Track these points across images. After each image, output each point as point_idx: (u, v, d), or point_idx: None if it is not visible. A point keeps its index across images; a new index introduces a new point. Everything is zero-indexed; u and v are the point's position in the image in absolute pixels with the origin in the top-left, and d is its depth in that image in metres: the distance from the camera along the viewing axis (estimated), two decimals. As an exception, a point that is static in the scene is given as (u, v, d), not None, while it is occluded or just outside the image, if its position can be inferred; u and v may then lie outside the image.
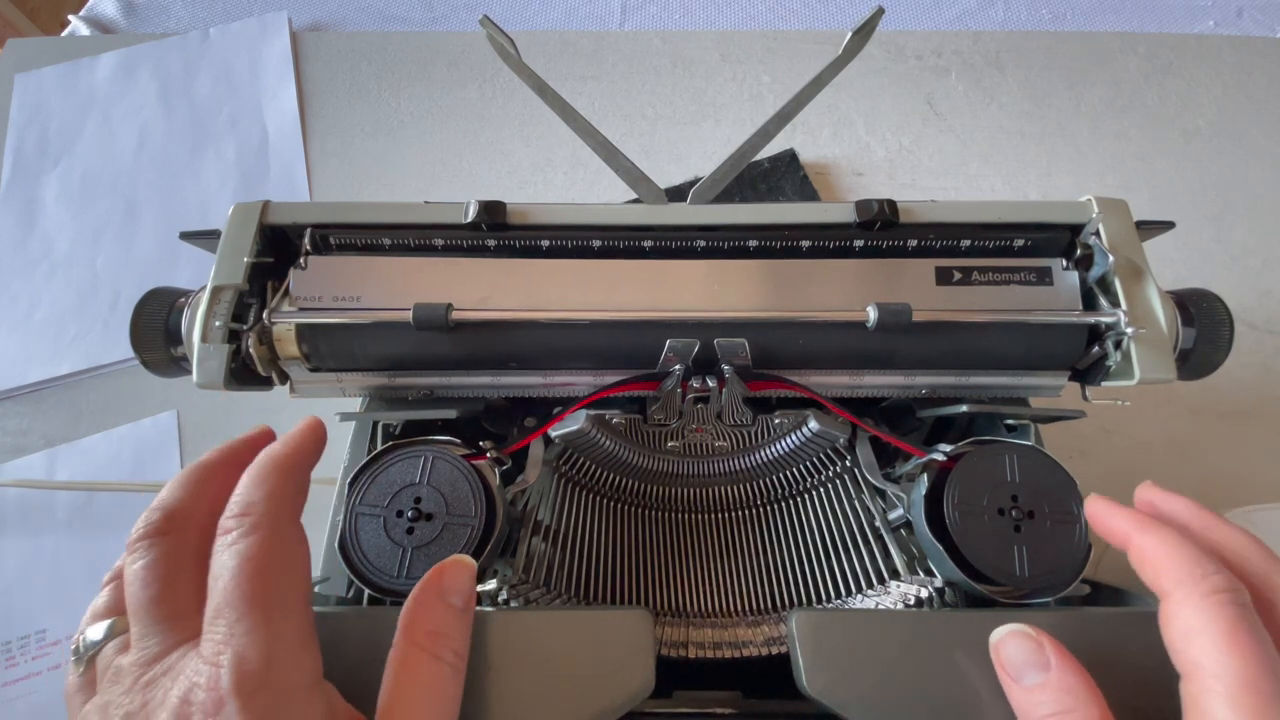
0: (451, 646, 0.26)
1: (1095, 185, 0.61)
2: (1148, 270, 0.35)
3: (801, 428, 0.40)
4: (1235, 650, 0.22)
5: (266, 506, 0.25)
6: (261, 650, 0.22)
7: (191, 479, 0.27)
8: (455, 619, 0.27)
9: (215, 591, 0.23)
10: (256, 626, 0.22)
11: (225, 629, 0.22)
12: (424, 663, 0.25)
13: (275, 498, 0.25)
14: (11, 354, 0.64)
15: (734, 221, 0.38)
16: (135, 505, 0.59)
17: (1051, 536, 0.32)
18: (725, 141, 0.72)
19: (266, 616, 0.23)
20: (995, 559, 0.32)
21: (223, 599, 0.23)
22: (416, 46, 0.79)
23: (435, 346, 0.36)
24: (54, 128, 0.76)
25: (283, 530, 0.25)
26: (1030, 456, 0.33)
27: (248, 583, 0.23)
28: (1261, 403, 0.61)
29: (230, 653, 0.22)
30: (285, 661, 0.23)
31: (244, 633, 0.22)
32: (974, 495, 0.33)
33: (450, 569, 0.28)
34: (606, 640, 0.28)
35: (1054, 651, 0.25)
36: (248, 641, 0.22)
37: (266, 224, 0.37)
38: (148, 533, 0.25)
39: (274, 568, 0.24)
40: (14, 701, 0.52)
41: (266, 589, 0.23)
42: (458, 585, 0.27)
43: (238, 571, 0.23)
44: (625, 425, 0.41)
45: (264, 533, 0.24)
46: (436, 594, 0.27)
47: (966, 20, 0.81)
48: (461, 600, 0.27)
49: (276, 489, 0.26)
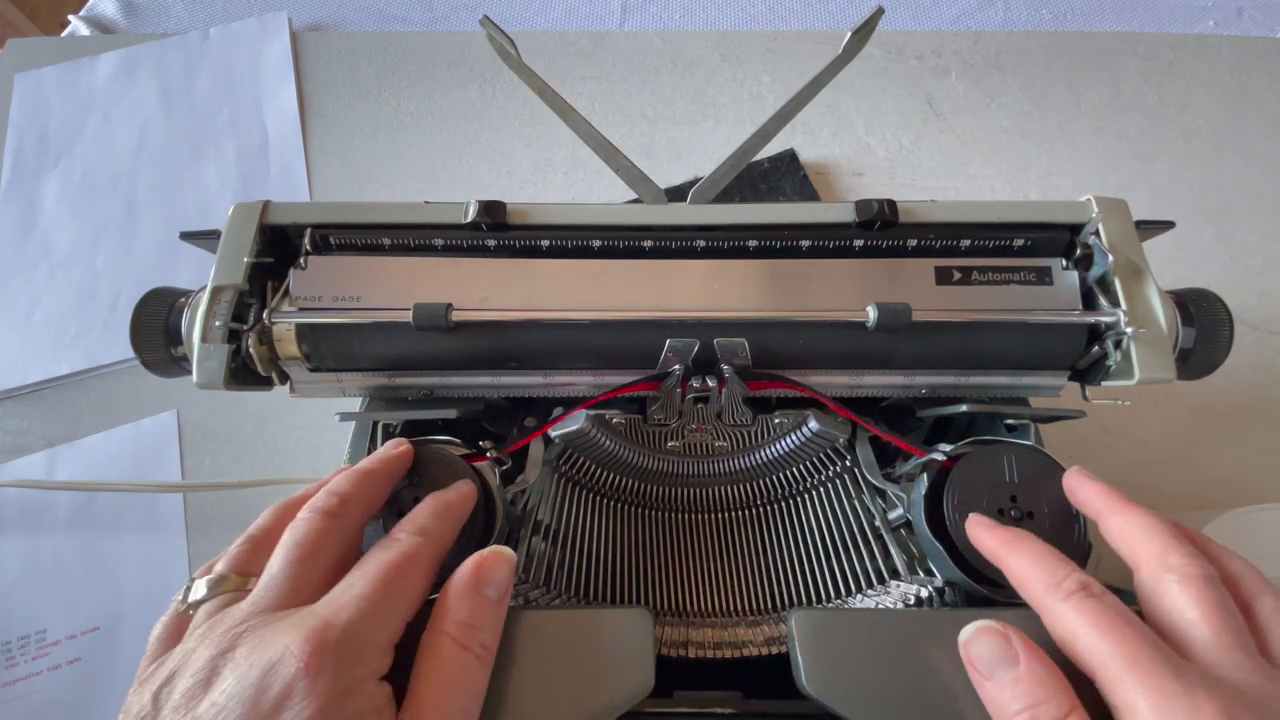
0: (480, 639, 0.26)
1: (1095, 185, 0.61)
2: (1147, 270, 0.35)
3: (801, 428, 0.40)
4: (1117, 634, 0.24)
5: (435, 533, 0.29)
6: (370, 624, 0.25)
7: (363, 480, 0.31)
8: (488, 611, 0.27)
9: (362, 566, 0.27)
10: (376, 607, 0.25)
11: (355, 595, 0.25)
12: (451, 653, 0.26)
13: (442, 529, 0.30)
14: (11, 354, 0.64)
15: (734, 221, 0.38)
16: (135, 505, 0.59)
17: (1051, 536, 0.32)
18: (725, 141, 0.72)
19: (386, 605, 0.26)
20: None
21: (366, 573, 0.26)
22: (416, 46, 0.79)
23: (435, 346, 0.36)
24: (54, 128, 0.76)
25: (434, 557, 0.29)
26: (1030, 457, 0.33)
27: (393, 572, 0.26)
28: (1261, 403, 0.61)
29: (347, 611, 0.24)
30: (378, 648, 0.25)
31: (367, 605, 0.25)
32: (974, 495, 0.33)
33: (490, 560, 0.28)
34: (606, 640, 0.28)
35: (1021, 645, 0.25)
36: (365, 612, 0.25)
37: (266, 224, 0.37)
38: (323, 508, 0.28)
39: (413, 578, 0.27)
40: (14, 701, 0.52)
41: (399, 586, 0.26)
42: (495, 576, 0.28)
43: (390, 562, 0.27)
44: (625, 425, 0.41)
45: (423, 549, 0.28)
46: (472, 585, 0.27)
47: (966, 20, 0.81)
48: (497, 592, 0.28)
49: (446, 525, 0.30)
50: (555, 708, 0.27)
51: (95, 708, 0.52)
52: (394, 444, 0.33)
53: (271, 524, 0.30)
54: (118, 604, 0.55)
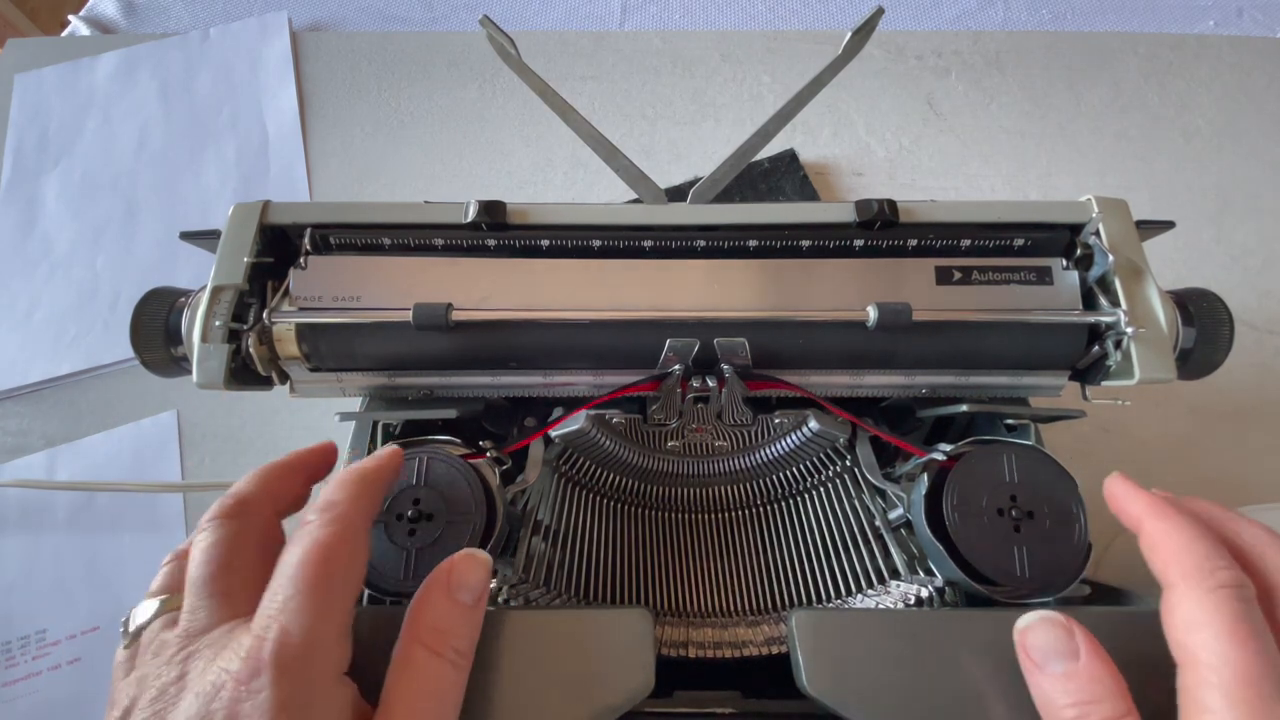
0: (452, 644, 0.26)
1: (1095, 185, 0.61)
2: (1148, 270, 0.35)
3: (801, 427, 0.40)
4: (1235, 644, 0.22)
5: (346, 508, 0.27)
6: (307, 630, 0.23)
7: (264, 475, 0.29)
8: (461, 615, 0.26)
9: (280, 571, 0.25)
10: (308, 607, 0.24)
11: (280, 604, 0.24)
12: (422, 659, 0.25)
13: (355, 501, 0.27)
14: (11, 354, 0.64)
15: (734, 221, 0.38)
16: (135, 505, 0.59)
17: (1051, 536, 0.32)
18: (725, 141, 0.72)
19: (319, 602, 0.24)
20: (995, 559, 0.32)
21: (285, 577, 0.24)
22: (416, 46, 0.79)
23: (435, 346, 0.36)
24: (54, 128, 0.76)
25: (355, 532, 0.26)
26: (1030, 456, 0.33)
27: (313, 567, 0.24)
28: (1261, 403, 0.61)
29: (277, 626, 0.23)
30: (323, 648, 0.24)
31: (295, 609, 0.23)
32: (973, 495, 0.33)
33: (460, 563, 0.27)
34: (606, 640, 0.28)
35: (1085, 641, 0.24)
36: (297, 619, 0.23)
37: (266, 224, 0.37)
38: (218, 514, 0.27)
39: (338, 561, 0.25)
40: (14, 701, 0.52)
41: (328, 577, 0.25)
42: (467, 580, 0.27)
43: (307, 556, 0.25)
44: (625, 425, 0.41)
45: (339, 528, 0.26)
46: (443, 589, 0.27)
47: (966, 20, 0.81)
48: (471, 596, 0.27)
49: (356, 495, 0.27)
50: (555, 708, 0.27)
51: (95, 708, 0.52)
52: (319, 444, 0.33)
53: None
54: (118, 604, 0.55)
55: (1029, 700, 0.26)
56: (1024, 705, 0.26)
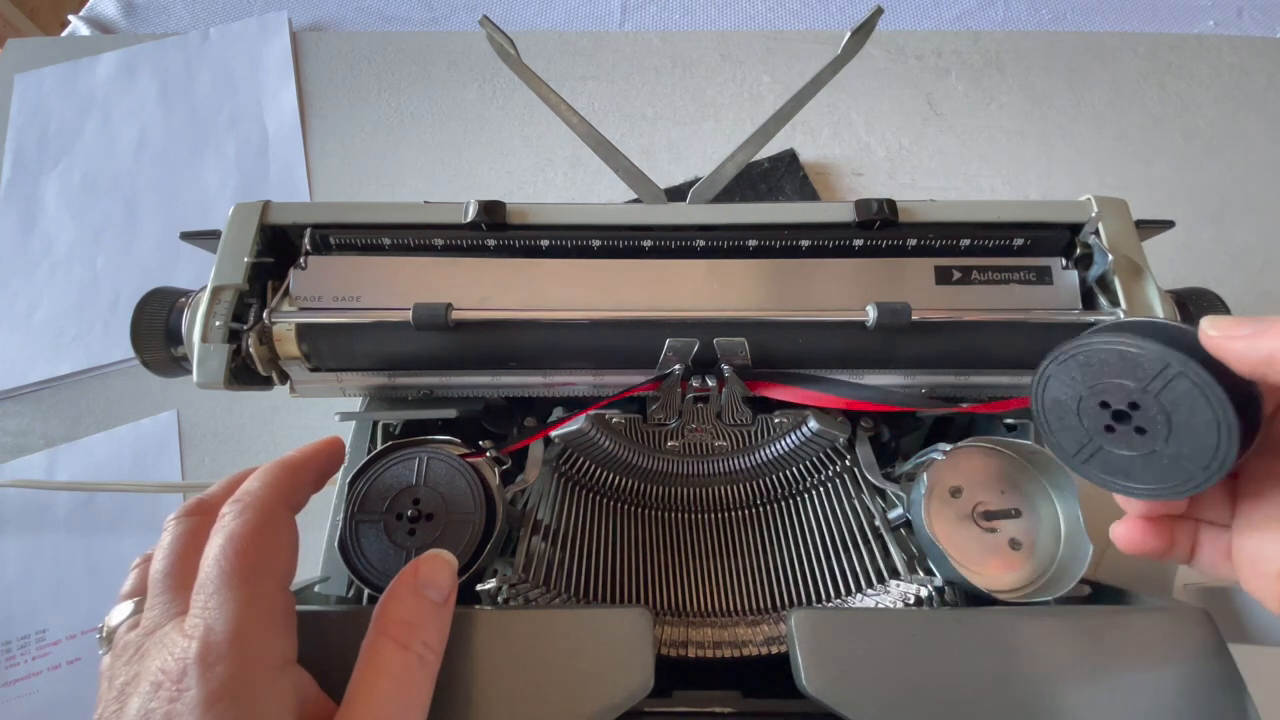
0: (420, 637, 0.26)
1: (1095, 185, 0.61)
2: (1147, 269, 0.35)
3: (801, 427, 0.39)
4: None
5: (258, 495, 0.26)
6: (229, 624, 0.23)
7: (234, 477, 0.29)
8: (429, 611, 0.27)
9: (201, 568, 0.25)
10: (227, 601, 0.23)
11: (202, 602, 0.24)
12: (390, 651, 0.25)
13: (269, 488, 0.27)
14: (11, 354, 0.64)
15: (733, 221, 0.38)
16: (135, 505, 0.59)
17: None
18: (725, 141, 0.72)
19: (239, 593, 0.24)
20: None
21: (204, 575, 0.24)
22: (416, 46, 0.79)
23: (435, 346, 0.36)
24: (54, 128, 0.76)
25: (270, 517, 0.26)
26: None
27: (226, 560, 0.24)
28: (1261, 402, 0.60)
29: (201, 624, 0.23)
30: (252, 638, 0.23)
31: (215, 606, 0.23)
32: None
33: (426, 562, 0.28)
34: (606, 640, 0.28)
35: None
36: (217, 615, 0.23)
37: (267, 224, 0.37)
38: (177, 514, 0.28)
39: (254, 549, 0.25)
40: (14, 701, 0.52)
41: (244, 568, 0.24)
42: (434, 579, 0.27)
43: (220, 550, 0.25)
44: (625, 425, 0.41)
45: (250, 516, 0.26)
46: (410, 586, 0.27)
47: (966, 20, 0.81)
48: (439, 594, 0.27)
49: (272, 481, 0.27)
50: (555, 707, 0.27)
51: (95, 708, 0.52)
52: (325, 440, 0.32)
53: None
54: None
55: (1029, 700, 0.26)
56: (1023, 704, 0.26)
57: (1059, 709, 0.26)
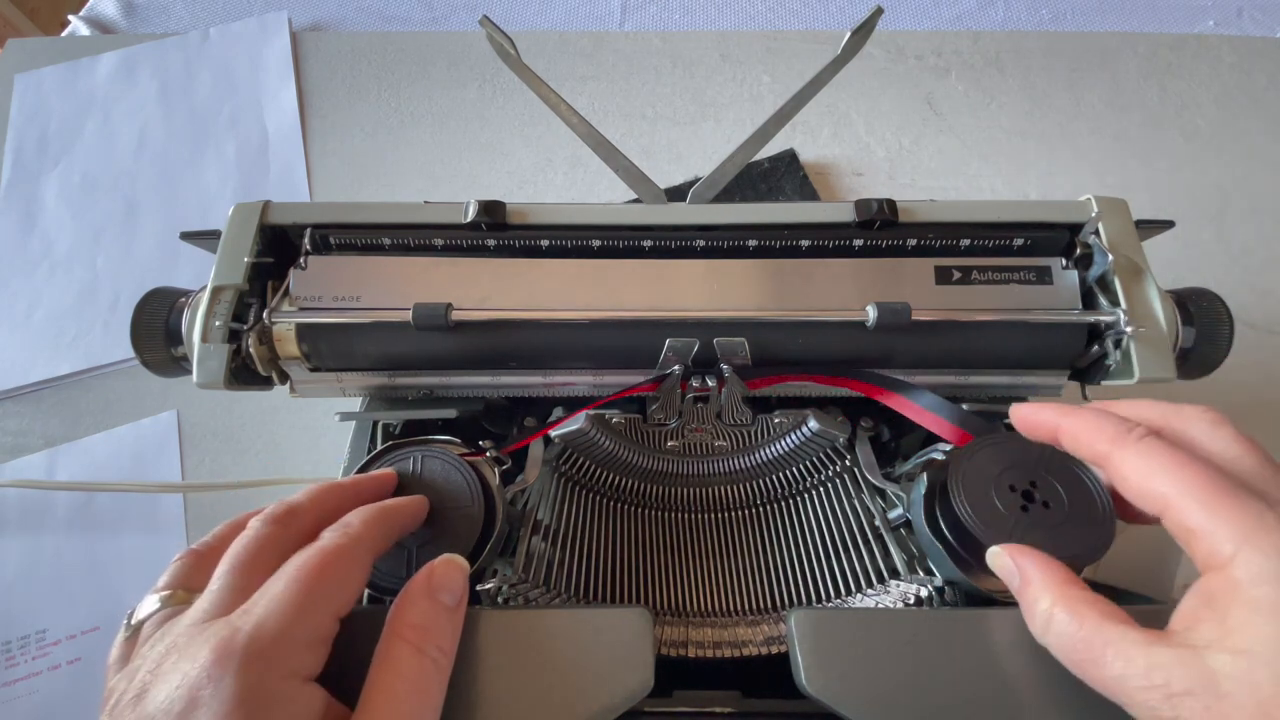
0: (434, 641, 0.26)
1: (1095, 185, 0.61)
2: (1147, 269, 0.35)
3: (801, 427, 0.39)
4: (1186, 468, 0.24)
5: (358, 530, 0.28)
6: (282, 627, 0.24)
7: (319, 491, 0.30)
8: (443, 616, 0.27)
9: (279, 571, 0.26)
10: (290, 604, 0.24)
11: (265, 598, 0.24)
12: (405, 655, 0.25)
13: (368, 526, 0.28)
14: (11, 354, 0.64)
15: (733, 221, 0.38)
16: (135, 505, 0.59)
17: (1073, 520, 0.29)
18: (725, 141, 0.72)
19: (303, 602, 0.24)
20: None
21: (281, 575, 0.25)
22: (416, 46, 0.79)
23: (435, 346, 0.36)
24: (54, 128, 0.76)
25: (358, 551, 0.27)
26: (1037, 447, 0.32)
27: (307, 572, 0.25)
28: (1261, 403, 0.61)
29: (254, 618, 0.24)
30: (293, 648, 0.24)
31: (278, 604, 0.24)
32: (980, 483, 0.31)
33: (441, 567, 0.28)
34: (606, 640, 0.28)
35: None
36: (275, 614, 0.24)
37: (267, 224, 0.37)
38: (266, 518, 0.28)
39: (335, 570, 0.26)
40: (14, 701, 0.52)
41: (320, 582, 0.25)
42: (448, 583, 0.28)
43: (308, 560, 0.26)
44: (625, 425, 0.41)
45: (345, 542, 0.27)
46: (424, 591, 0.27)
47: (966, 20, 0.81)
48: (452, 598, 0.27)
49: (372, 522, 0.29)
50: (555, 708, 0.27)
51: (95, 708, 0.52)
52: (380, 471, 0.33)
53: (216, 540, 0.30)
54: (118, 604, 0.55)
55: (1028, 699, 0.26)
56: (1023, 704, 0.26)
57: (1059, 709, 0.26)
